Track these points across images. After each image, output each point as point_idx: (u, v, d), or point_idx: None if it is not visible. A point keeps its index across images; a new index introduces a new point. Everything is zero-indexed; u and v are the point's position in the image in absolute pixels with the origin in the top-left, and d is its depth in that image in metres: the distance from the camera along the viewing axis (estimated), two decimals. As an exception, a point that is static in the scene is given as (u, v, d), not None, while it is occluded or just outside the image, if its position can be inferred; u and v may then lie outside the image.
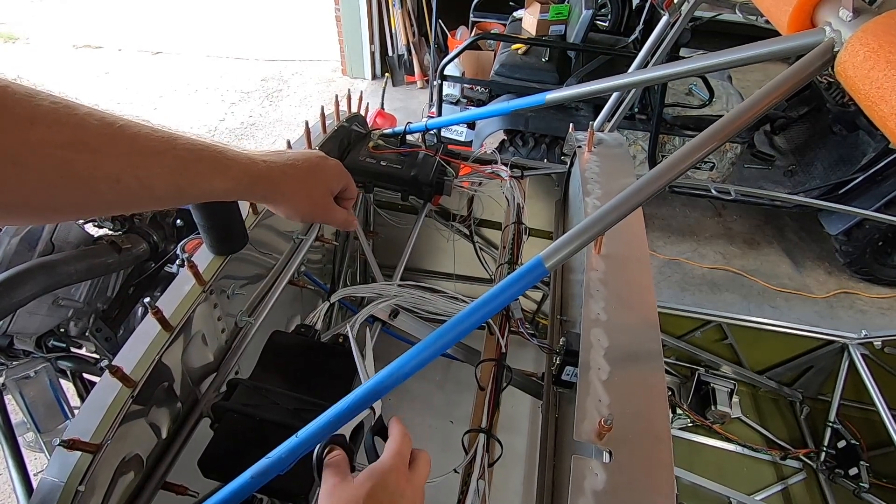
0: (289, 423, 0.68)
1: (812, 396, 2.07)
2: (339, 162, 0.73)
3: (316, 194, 0.69)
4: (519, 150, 3.04)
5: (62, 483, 0.55)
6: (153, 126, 0.50)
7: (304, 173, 0.66)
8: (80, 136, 0.43)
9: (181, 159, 0.51)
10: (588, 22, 2.81)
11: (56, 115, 0.42)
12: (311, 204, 0.69)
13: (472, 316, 0.53)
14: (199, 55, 5.43)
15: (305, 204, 0.68)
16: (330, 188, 0.72)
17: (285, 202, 0.67)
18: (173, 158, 0.50)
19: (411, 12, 4.70)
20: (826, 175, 2.94)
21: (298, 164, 0.66)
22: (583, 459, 0.56)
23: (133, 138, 0.47)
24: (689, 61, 0.72)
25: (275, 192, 0.64)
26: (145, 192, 0.49)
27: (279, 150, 0.67)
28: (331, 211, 0.73)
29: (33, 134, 0.40)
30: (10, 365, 1.14)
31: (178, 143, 0.51)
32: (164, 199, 0.52)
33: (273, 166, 0.63)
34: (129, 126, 0.47)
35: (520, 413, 1.46)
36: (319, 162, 0.69)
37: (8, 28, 5.84)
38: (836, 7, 0.46)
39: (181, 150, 0.51)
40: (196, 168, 0.53)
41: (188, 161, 0.52)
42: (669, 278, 3.13)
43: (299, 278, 1.04)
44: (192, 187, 0.54)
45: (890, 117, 0.38)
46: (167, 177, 0.50)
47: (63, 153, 0.42)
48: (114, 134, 0.45)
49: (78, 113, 0.43)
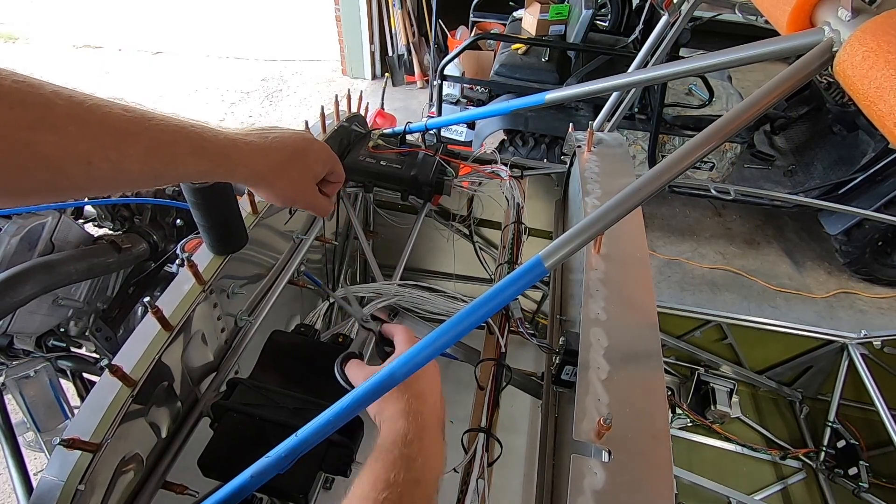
0: (289, 423, 0.68)
1: (812, 396, 2.07)
2: (325, 145, 0.71)
3: (298, 179, 0.67)
4: (519, 150, 3.04)
5: (62, 482, 0.55)
6: (126, 105, 0.48)
7: (287, 157, 0.64)
8: (47, 117, 0.41)
9: (156, 140, 0.49)
10: (588, 22, 2.81)
11: (19, 94, 0.40)
12: (293, 189, 0.67)
13: (472, 315, 0.53)
14: (199, 55, 5.43)
15: (287, 189, 0.66)
16: (314, 173, 0.69)
17: (266, 186, 0.64)
18: (147, 139, 0.48)
19: (411, 12, 4.70)
20: (826, 175, 2.94)
21: (282, 146, 0.63)
22: (582, 459, 0.56)
23: (103, 118, 0.45)
24: (688, 61, 0.72)
25: (255, 175, 0.62)
26: (118, 175, 0.47)
27: (265, 129, 0.64)
28: (313, 198, 0.71)
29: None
30: (10, 364, 1.14)
31: (153, 124, 0.49)
32: (139, 182, 0.50)
33: (255, 148, 0.60)
34: (99, 105, 0.45)
35: (519, 412, 1.46)
36: (305, 146, 0.66)
37: (8, 28, 5.85)
38: (835, 7, 0.46)
39: (155, 131, 0.49)
40: (172, 150, 0.51)
41: (163, 142, 0.50)
42: (669, 278, 3.13)
43: (299, 278, 1.04)
44: (168, 169, 0.51)
45: (888, 117, 0.38)
46: (141, 158, 0.48)
47: (27, 135, 0.40)
48: (82, 114, 0.43)
49: (43, 92, 0.41)
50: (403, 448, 0.53)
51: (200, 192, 0.71)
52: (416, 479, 0.51)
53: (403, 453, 0.52)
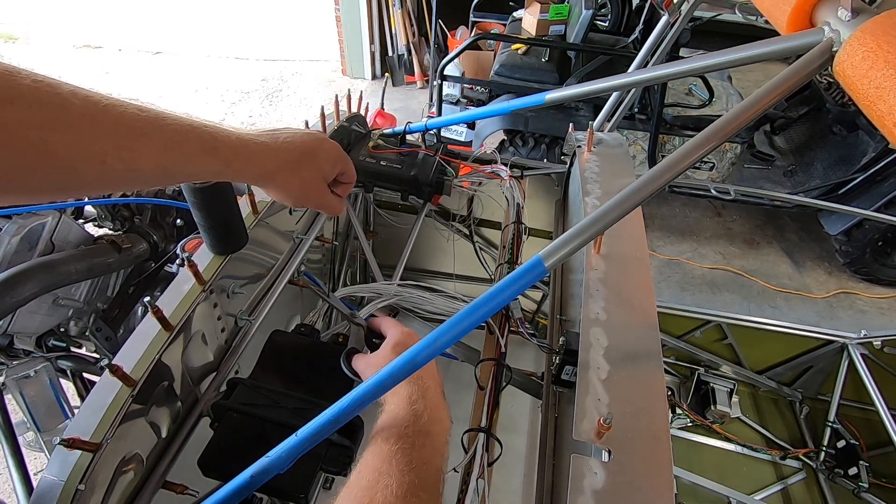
0: (289, 423, 0.68)
1: (812, 396, 2.07)
2: (337, 144, 0.70)
3: (309, 180, 0.66)
4: (519, 150, 3.04)
5: (62, 482, 0.55)
6: (140, 105, 0.48)
7: (297, 156, 0.64)
8: (62, 117, 0.41)
9: (168, 140, 0.49)
10: (588, 22, 2.81)
11: (37, 94, 0.40)
12: (303, 190, 0.67)
13: (472, 315, 0.53)
14: (199, 55, 5.43)
15: (297, 189, 0.66)
16: (324, 174, 0.69)
17: (276, 186, 0.64)
18: (160, 139, 0.49)
19: (411, 12, 4.70)
20: (826, 175, 2.94)
21: (293, 146, 0.63)
22: (582, 458, 0.56)
23: (118, 119, 0.45)
24: (688, 61, 0.72)
25: (265, 175, 0.62)
26: (130, 174, 0.48)
27: (276, 130, 0.64)
28: (323, 197, 0.70)
29: (11, 114, 0.38)
30: (11, 364, 1.14)
31: (166, 123, 0.49)
32: (151, 181, 0.51)
33: (265, 148, 0.60)
34: (114, 105, 0.45)
35: (519, 412, 1.46)
36: (315, 146, 0.66)
37: (8, 28, 5.85)
38: (835, 7, 0.46)
39: (169, 131, 0.49)
40: (183, 149, 0.51)
41: (176, 142, 0.50)
42: (669, 278, 3.13)
43: (299, 278, 1.04)
44: (179, 168, 0.52)
45: (888, 116, 0.38)
46: (153, 158, 0.48)
47: (42, 134, 0.40)
48: (97, 114, 0.44)
49: (61, 92, 0.42)
50: (409, 406, 0.58)
51: (200, 192, 0.71)
52: (426, 430, 0.56)
53: (411, 410, 0.57)
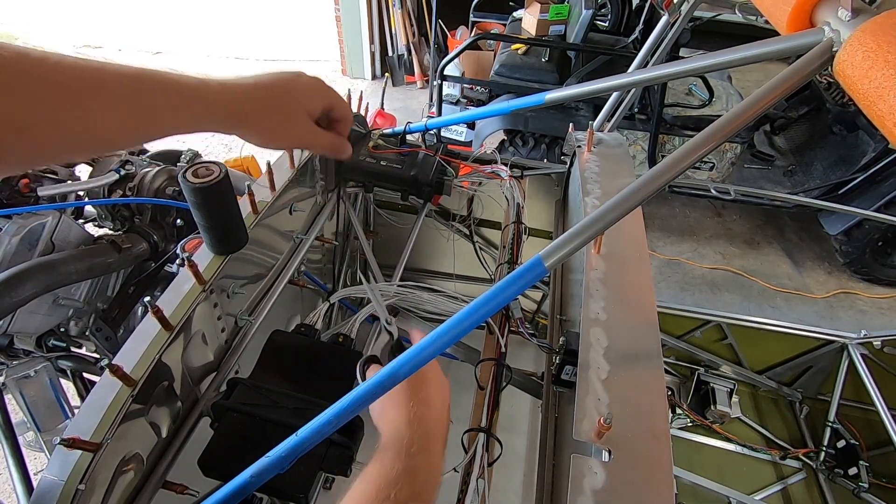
0: (289, 423, 0.68)
1: (812, 396, 2.07)
2: (317, 78, 0.65)
3: (290, 118, 0.62)
4: (519, 150, 3.04)
5: (62, 482, 0.55)
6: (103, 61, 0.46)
7: (272, 94, 0.59)
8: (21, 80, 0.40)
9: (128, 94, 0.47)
10: (588, 22, 2.81)
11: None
12: (285, 129, 0.62)
13: (472, 315, 0.53)
14: (199, 55, 5.43)
15: (276, 129, 0.61)
16: (307, 109, 0.64)
17: (253, 129, 0.60)
18: (118, 94, 0.46)
19: (411, 12, 4.70)
20: (826, 175, 2.94)
21: (264, 84, 0.59)
22: (582, 458, 0.56)
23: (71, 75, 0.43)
24: (688, 61, 0.72)
25: (239, 119, 0.58)
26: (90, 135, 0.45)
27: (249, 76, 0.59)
28: (312, 135, 0.66)
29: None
30: (11, 364, 1.14)
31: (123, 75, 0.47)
32: (116, 141, 0.49)
33: (233, 89, 0.56)
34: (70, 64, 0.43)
35: (519, 412, 1.46)
36: (291, 79, 0.61)
37: (8, 28, 5.85)
38: (835, 7, 0.46)
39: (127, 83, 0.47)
40: (144, 102, 0.48)
41: (135, 94, 0.48)
42: (669, 278, 3.13)
43: (299, 278, 1.04)
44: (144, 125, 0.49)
45: (888, 116, 0.38)
46: (113, 115, 0.46)
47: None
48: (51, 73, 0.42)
49: (21, 58, 0.40)
50: (408, 461, 0.52)
51: (200, 192, 0.71)
52: (416, 493, 0.50)
53: (407, 466, 0.51)
